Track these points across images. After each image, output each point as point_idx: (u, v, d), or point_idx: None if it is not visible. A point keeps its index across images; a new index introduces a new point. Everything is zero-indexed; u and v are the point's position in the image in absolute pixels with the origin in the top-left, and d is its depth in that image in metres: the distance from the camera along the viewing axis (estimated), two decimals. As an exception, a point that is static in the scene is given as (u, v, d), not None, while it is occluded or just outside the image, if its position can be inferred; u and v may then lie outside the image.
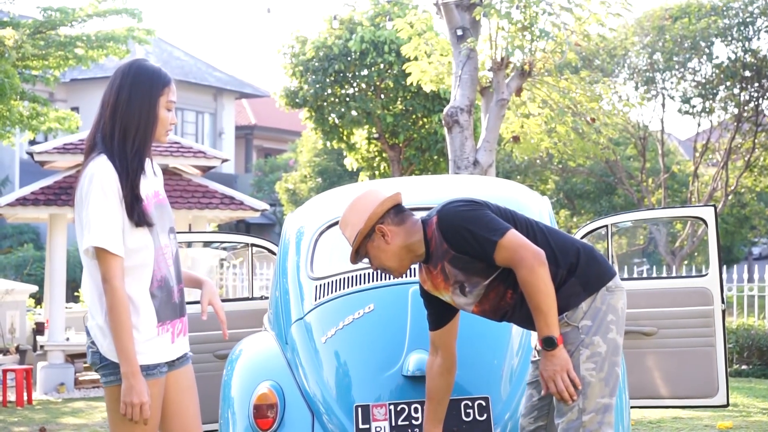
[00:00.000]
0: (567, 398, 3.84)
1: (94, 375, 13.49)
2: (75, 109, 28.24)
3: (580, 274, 3.95)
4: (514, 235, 3.85)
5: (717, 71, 18.86)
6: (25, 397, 11.82)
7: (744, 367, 13.34)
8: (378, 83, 18.79)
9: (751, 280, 14.52)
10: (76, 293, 18.54)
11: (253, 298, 6.91)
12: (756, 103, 19.27)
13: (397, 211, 4.13)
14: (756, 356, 13.41)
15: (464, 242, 3.90)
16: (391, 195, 4.15)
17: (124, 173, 3.72)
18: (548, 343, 3.80)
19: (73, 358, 13.42)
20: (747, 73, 18.75)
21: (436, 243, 4.00)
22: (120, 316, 3.65)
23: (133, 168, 3.75)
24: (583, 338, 3.89)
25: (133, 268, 3.74)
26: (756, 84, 18.94)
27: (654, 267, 18.76)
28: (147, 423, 3.74)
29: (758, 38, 18.81)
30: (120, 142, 3.76)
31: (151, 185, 3.88)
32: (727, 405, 6.45)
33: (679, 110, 19.80)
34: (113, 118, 3.78)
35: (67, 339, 13.41)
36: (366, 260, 4.21)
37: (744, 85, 19.02)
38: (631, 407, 5.43)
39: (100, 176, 3.68)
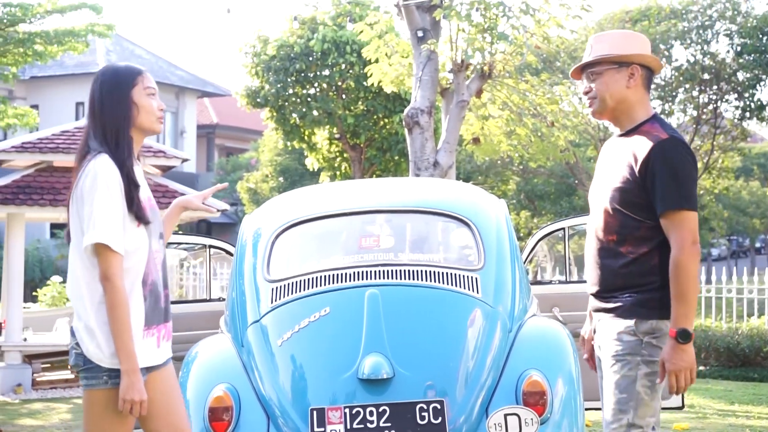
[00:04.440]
0: (677, 393, 3.82)
1: (51, 376, 13.38)
2: (35, 106, 27.98)
3: (667, 293, 3.86)
4: (693, 218, 3.81)
5: (676, 74, 19.01)
6: (-19, 398, 11.71)
7: (701, 368, 13.43)
8: (339, 83, 18.78)
9: (708, 281, 14.64)
10: (34, 293, 18.39)
11: (210, 300, 6.88)
12: (714, 105, 19.45)
13: (650, 78, 4.10)
14: (713, 357, 13.51)
15: (654, 176, 3.83)
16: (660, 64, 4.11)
17: (118, 167, 3.77)
18: (684, 336, 3.73)
19: (30, 358, 13.29)
20: (706, 76, 18.93)
21: (640, 143, 3.91)
22: (121, 315, 3.67)
23: (122, 159, 3.79)
24: (646, 355, 3.86)
25: (127, 269, 3.75)
26: (714, 87, 19.12)
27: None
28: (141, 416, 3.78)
29: (717, 41, 19.01)
30: (102, 140, 3.82)
31: (144, 191, 3.92)
32: (683, 407, 6.51)
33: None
34: (94, 121, 3.87)
35: (25, 339, 13.28)
36: (584, 84, 4.11)
37: (703, 88, 19.20)
38: (587, 409, 5.46)
39: (104, 174, 3.72)
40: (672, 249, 3.80)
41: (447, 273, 5.06)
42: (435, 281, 5.00)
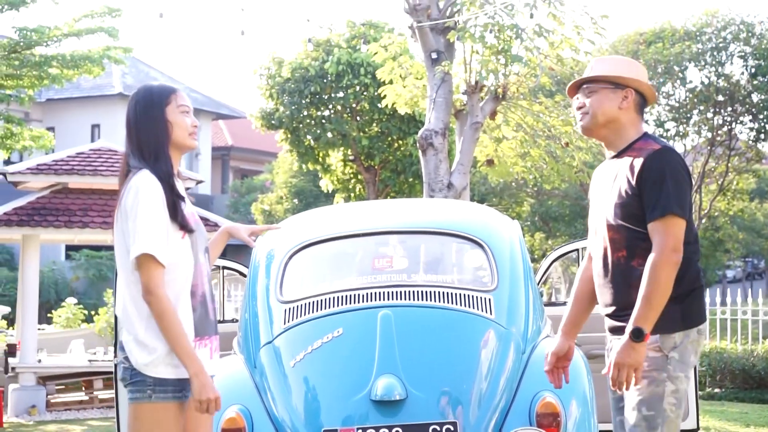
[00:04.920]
0: (619, 389, 3.84)
1: (66, 397, 13.40)
2: (51, 129, 28.09)
3: (687, 304, 3.93)
4: (680, 224, 3.86)
5: (690, 96, 18.97)
6: (-4, 420, 11.72)
7: (716, 390, 13.37)
8: (354, 105, 18.83)
9: (724, 303, 14.57)
10: (49, 315, 18.41)
11: (224, 321, 6.88)
12: (729, 127, 19.40)
13: (643, 106, 4.20)
14: (728, 379, 13.45)
15: (650, 183, 3.89)
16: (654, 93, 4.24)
17: (159, 180, 3.81)
18: (637, 335, 3.75)
19: (45, 380, 13.31)
20: (720, 98, 18.87)
21: (635, 157, 3.99)
22: (172, 322, 3.68)
23: (162, 172, 3.83)
24: (671, 371, 3.88)
25: (173, 281, 3.78)
26: (729, 108, 19.06)
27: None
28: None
29: (731, 63, 18.96)
30: (141, 158, 3.86)
31: (188, 206, 3.96)
32: (698, 429, 6.46)
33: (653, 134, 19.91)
34: (131, 141, 3.92)
35: (39, 361, 13.31)
36: (578, 99, 4.20)
37: (717, 110, 19.15)
38: (601, 431, 5.43)
39: (145, 187, 3.76)
40: (652, 251, 3.82)
41: (460, 294, 5.05)
42: (448, 302, 5.00)
